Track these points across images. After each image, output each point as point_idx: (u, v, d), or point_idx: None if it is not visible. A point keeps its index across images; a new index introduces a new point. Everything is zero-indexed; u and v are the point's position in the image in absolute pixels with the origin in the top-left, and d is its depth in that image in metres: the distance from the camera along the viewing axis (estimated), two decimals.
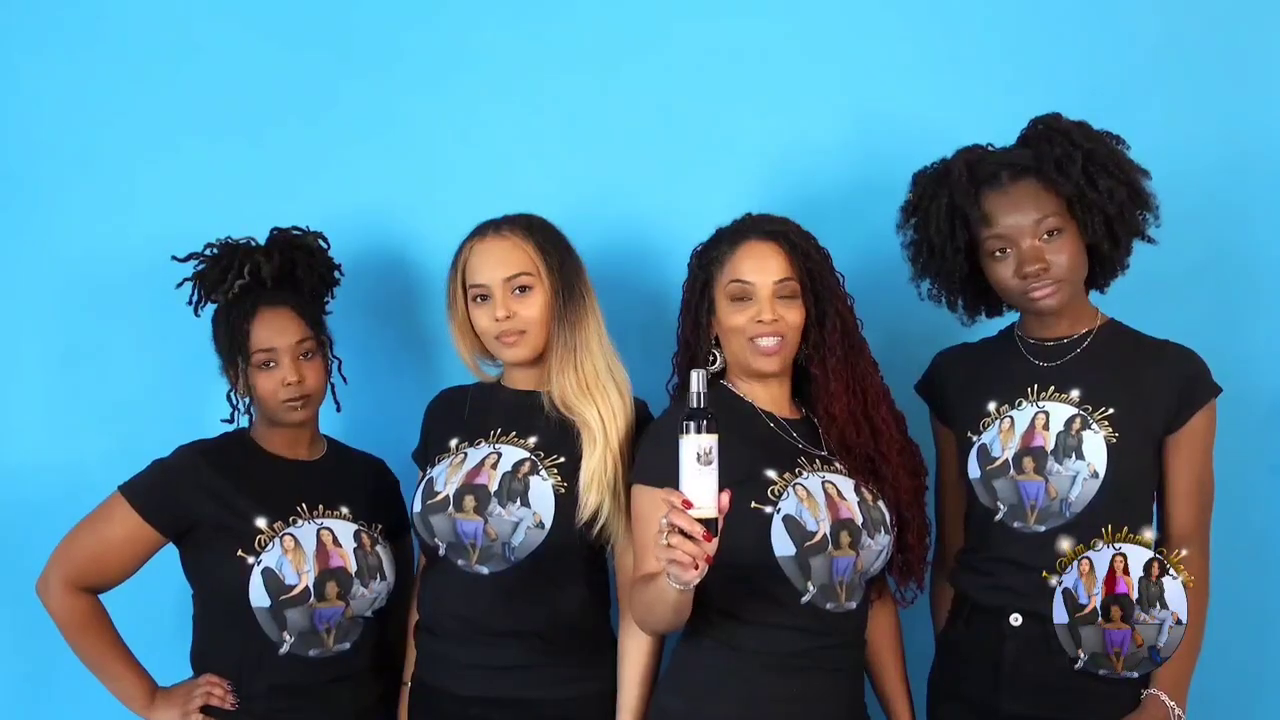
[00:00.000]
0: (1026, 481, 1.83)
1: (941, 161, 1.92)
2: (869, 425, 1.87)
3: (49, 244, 2.35)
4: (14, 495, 2.35)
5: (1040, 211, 1.80)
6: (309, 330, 1.96)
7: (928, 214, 1.90)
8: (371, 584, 1.95)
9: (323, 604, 1.89)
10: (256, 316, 1.93)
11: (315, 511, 1.95)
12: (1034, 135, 1.86)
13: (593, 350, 1.90)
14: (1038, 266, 1.79)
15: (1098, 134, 1.84)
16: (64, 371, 2.34)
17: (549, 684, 1.87)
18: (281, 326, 1.93)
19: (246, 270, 1.95)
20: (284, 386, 1.91)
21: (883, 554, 1.83)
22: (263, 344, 1.91)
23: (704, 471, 1.53)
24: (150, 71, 2.35)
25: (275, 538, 1.89)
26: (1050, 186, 1.81)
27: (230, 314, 1.95)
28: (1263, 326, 2.27)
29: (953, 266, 1.90)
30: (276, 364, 1.92)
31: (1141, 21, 2.29)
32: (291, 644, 1.89)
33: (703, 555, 1.52)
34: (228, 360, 1.96)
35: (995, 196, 1.83)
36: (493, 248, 1.92)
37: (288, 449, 1.99)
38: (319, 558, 1.90)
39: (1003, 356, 1.94)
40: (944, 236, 1.88)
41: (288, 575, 1.88)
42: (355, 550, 1.94)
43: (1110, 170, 1.81)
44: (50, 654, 2.37)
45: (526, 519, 1.85)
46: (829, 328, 1.86)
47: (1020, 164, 1.83)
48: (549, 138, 2.35)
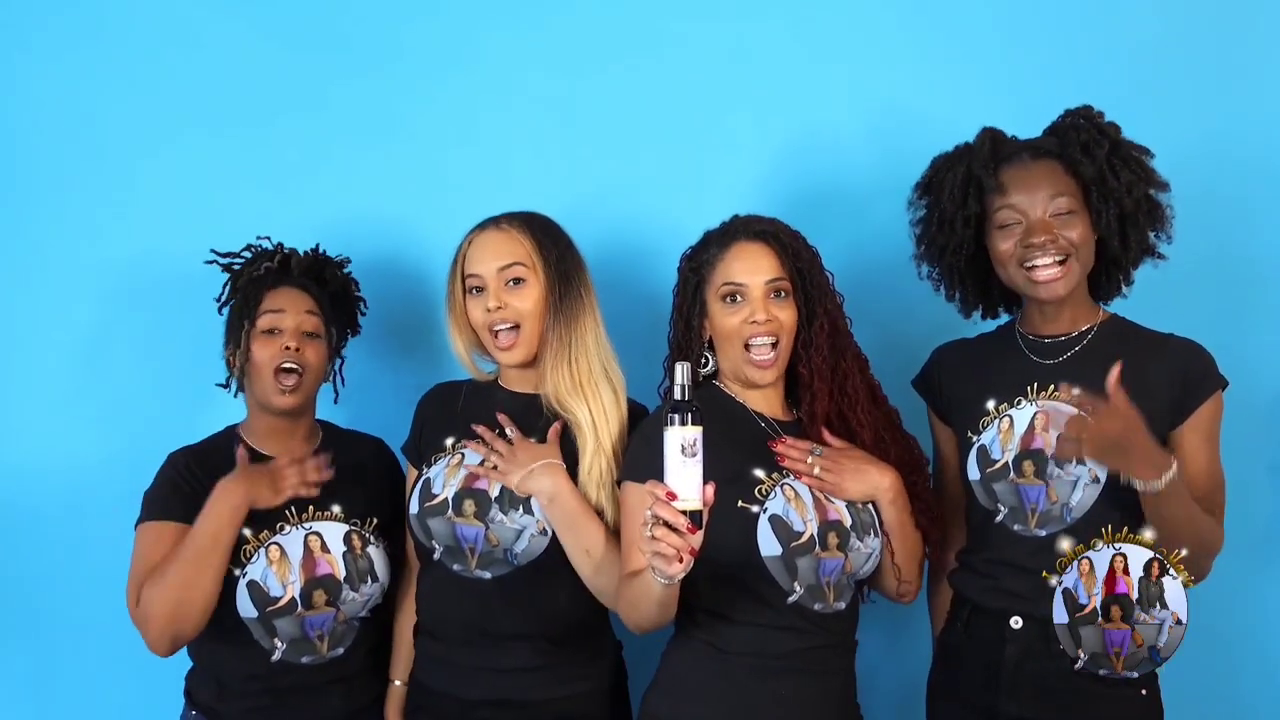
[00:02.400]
0: (1027, 485, 1.82)
1: (965, 143, 1.92)
2: (845, 426, 1.87)
3: (48, 244, 2.36)
4: (13, 497, 2.35)
5: (1056, 188, 1.80)
6: (320, 311, 1.98)
7: (942, 184, 1.89)
8: (363, 587, 1.94)
9: (311, 611, 1.88)
10: (274, 289, 1.96)
11: (304, 515, 1.93)
12: (1062, 125, 1.86)
13: (588, 347, 1.88)
14: (1044, 238, 1.78)
15: (1127, 138, 1.84)
16: (64, 372, 2.36)
17: (552, 684, 1.87)
18: (294, 299, 1.96)
19: (277, 259, 1.99)
20: (282, 351, 1.91)
21: (872, 557, 1.83)
22: (271, 307, 1.93)
23: (688, 464, 1.52)
24: (151, 70, 2.36)
25: (260, 548, 1.88)
26: (1070, 171, 1.81)
27: (248, 285, 1.97)
28: (1262, 327, 2.26)
29: (960, 240, 1.88)
30: (280, 331, 1.92)
31: (1142, 22, 2.29)
32: (283, 651, 1.88)
33: (686, 548, 1.52)
34: (233, 327, 1.96)
35: (1013, 170, 1.83)
36: (490, 239, 1.92)
37: (281, 445, 1.97)
38: (305, 566, 1.89)
39: (1002, 353, 1.93)
40: (956, 204, 1.86)
41: (272, 587, 1.87)
42: (344, 555, 1.93)
43: (1132, 167, 1.81)
44: (51, 654, 2.38)
45: (530, 526, 1.85)
46: (816, 327, 1.86)
47: (1044, 147, 1.83)
48: (548, 137, 2.35)
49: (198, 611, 1.79)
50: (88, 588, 2.33)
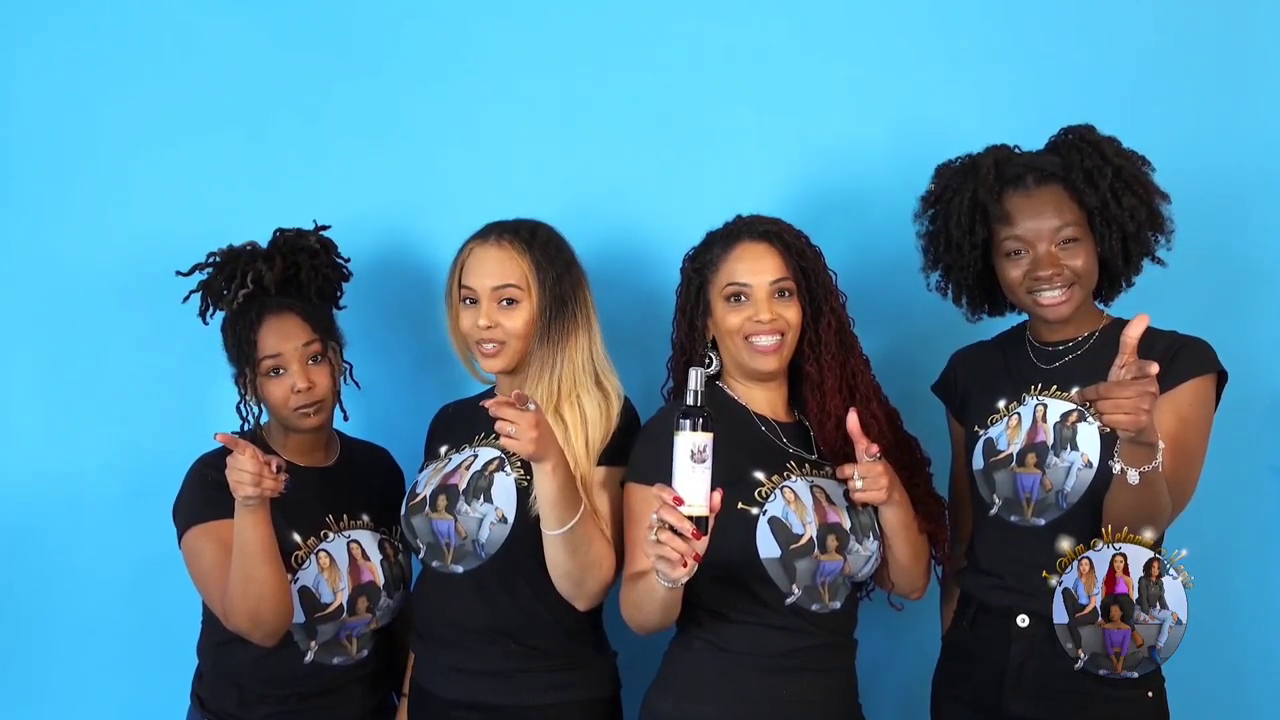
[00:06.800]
0: (1025, 475, 1.83)
1: (968, 156, 1.93)
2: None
3: (46, 244, 2.36)
4: (13, 497, 2.35)
5: (1061, 219, 1.82)
6: (315, 334, 1.95)
7: (949, 207, 1.90)
8: (395, 594, 1.99)
9: (354, 617, 1.92)
10: (262, 324, 1.92)
11: (341, 523, 1.96)
12: (1064, 144, 1.87)
13: (575, 365, 1.88)
14: (1050, 272, 1.81)
15: (1127, 152, 1.85)
16: (60, 374, 2.35)
17: (527, 690, 1.86)
18: (287, 331, 1.93)
19: (249, 278, 1.94)
20: (294, 394, 1.91)
21: (871, 560, 1.82)
22: (269, 350, 1.91)
23: (697, 469, 1.53)
24: (148, 69, 2.36)
25: (310, 554, 1.91)
26: (1074, 195, 1.83)
27: (236, 323, 1.95)
28: (1262, 327, 2.26)
29: (967, 261, 1.91)
30: (284, 370, 1.92)
31: (1142, 22, 2.29)
32: (315, 653, 1.91)
33: (691, 553, 1.53)
34: (237, 370, 1.95)
35: (1018, 197, 1.84)
36: (489, 254, 1.92)
37: (304, 455, 2.00)
38: (352, 574, 1.93)
39: (1013, 355, 1.96)
40: (963, 231, 1.88)
41: (324, 593, 1.90)
42: (381, 562, 1.98)
43: (1135, 190, 1.83)
44: (50, 654, 2.38)
45: (489, 514, 1.86)
46: (824, 325, 1.86)
47: (1047, 169, 1.85)
48: (549, 137, 2.35)
49: (275, 602, 1.79)
50: (87, 588, 2.34)
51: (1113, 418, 1.55)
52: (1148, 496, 1.65)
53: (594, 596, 1.82)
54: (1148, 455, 1.60)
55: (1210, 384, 1.80)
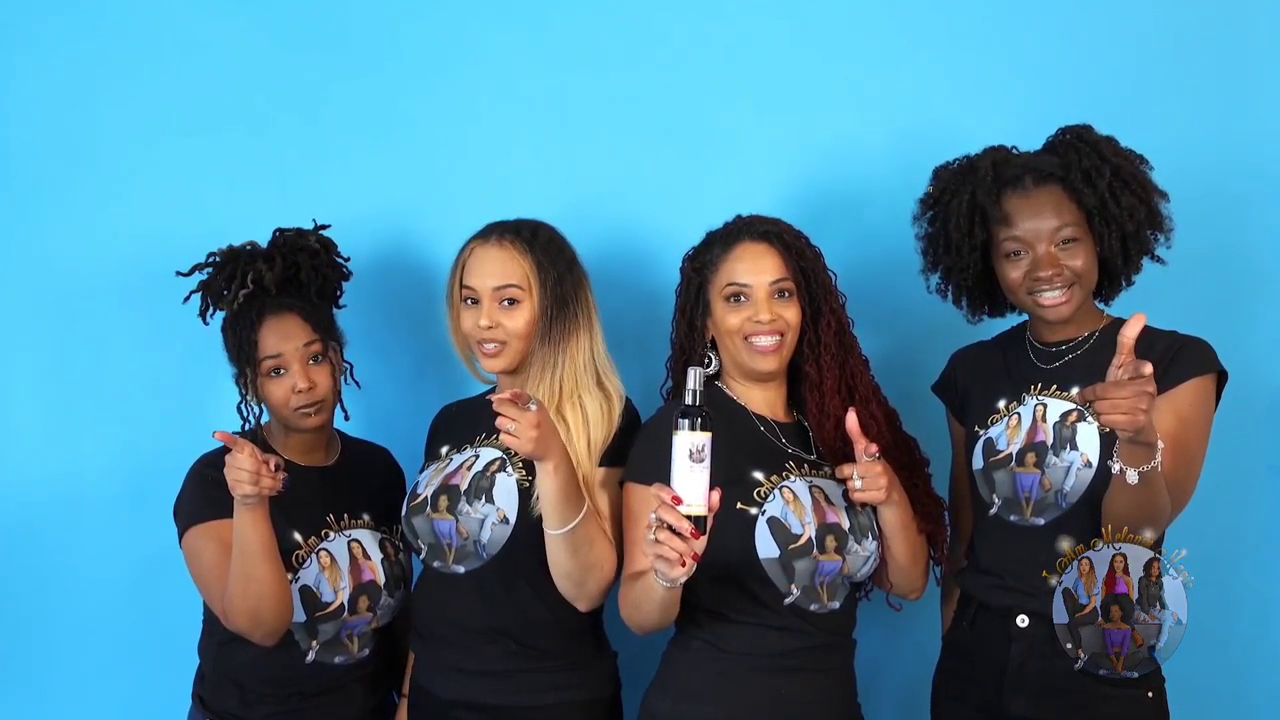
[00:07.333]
0: (1024, 474, 1.84)
1: (966, 158, 1.93)
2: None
3: (46, 244, 2.36)
4: (12, 497, 2.35)
5: (1060, 219, 1.82)
6: (315, 334, 1.96)
7: (949, 209, 1.90)
8: (396, 594, 1.99)
9: (355, 616, 1.93)
10: (262, 324, 1.93)
11: (342, 522, 1.97)
12: (1062, 144, 1.87)
13: (577, 365, 1.89)
14: (1050, 272, 1.81)
15: (1125, 151, 1.85)
16: (60, 374, 2.35)
17: (527, 690, 1.86)
18: (287, 332, 1.93)
19: (249, 279, 1.95)
20: (295, 394, 1.91)
21: (870, 560, 1.82)
22: (270, 350, 1.92)
23: (695, 469, 1.53)
24: (148, 69, 2.36)
25: (311, 553, 1.91)
26: (1072, 196, 1.83)
27: (237, 323, 1.95)
28: (1261, 327, 2.26)
29: (967, 263, 1.91)
30: (285, 370, 1.92)
31: (1142, 22, 2.29)
32: (317, 652, 1.92)
33: (690, 553, 1.53)
34: (238, 370, 1.96)
35: (1017, 199, 1.85)
36: (490, 255, 1.92)
37: (305, 455, 2.00)
38: (353, 573, 1.94)
39: (1013, 355, 1.96)
40: (963, 233, 1.88)
41: (324, 592, 1.91)
42: (382, 561, 1.98)
43: (1133, 189, 1.83)
44: (50, 655, 2.38)
45: (491, 515, 1.86)
46: (823, 325, 1.86)
47: (1045, 169, 1.85)
48: (548, 137, 2.35)
49: (275, 602, 1.80)
50: (87, 588, 2.34)
51: (1110, 418, 1.55)
52: (1147, 496, 1.65)
53: (595, 597, 1.82)
54: (1147, 455, 1.60)
55: (1210, 384, 1.80)
